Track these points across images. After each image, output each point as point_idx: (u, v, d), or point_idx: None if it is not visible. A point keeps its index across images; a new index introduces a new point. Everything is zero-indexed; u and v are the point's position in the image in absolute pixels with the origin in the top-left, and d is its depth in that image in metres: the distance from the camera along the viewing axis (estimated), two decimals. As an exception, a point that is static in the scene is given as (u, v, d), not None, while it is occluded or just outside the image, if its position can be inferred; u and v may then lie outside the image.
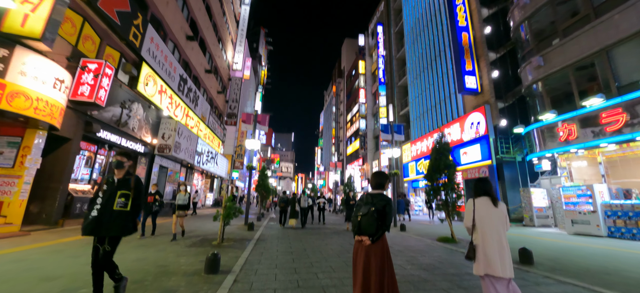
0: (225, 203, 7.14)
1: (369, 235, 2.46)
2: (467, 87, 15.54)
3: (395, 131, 13.91)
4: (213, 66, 22.94)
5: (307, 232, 9.70)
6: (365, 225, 2.50)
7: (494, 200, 2.87)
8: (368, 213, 2.52)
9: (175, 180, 16.42)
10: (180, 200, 7.45)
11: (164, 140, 13.57)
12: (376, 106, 33.53)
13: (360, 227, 2.53)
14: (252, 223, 9.72)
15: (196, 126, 18.34)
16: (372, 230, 2.46)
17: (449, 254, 6.24)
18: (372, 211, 2.51)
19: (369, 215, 2.51)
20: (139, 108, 11.83)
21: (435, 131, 19.54)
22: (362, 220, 2.53)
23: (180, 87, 15.50)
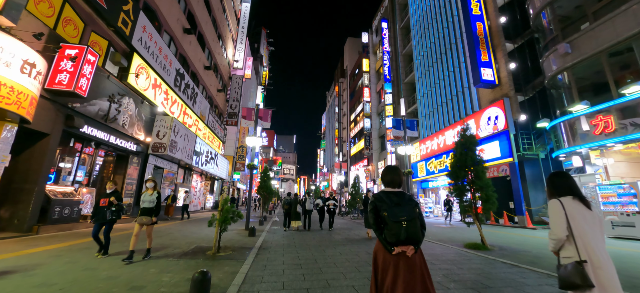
0: (221, 206, 6.11)
1: (416, 243, 2.07)
2: (484, 80, 14.46)
3: (408, 127, 12.85)
4: (213, 63, 22.03)
5: (315, 238, 8.64)
6: (413, 232, 2.05)
7: (585, 201, 2.00)
8: (414, 217, 2.10)
9: (172, 182, 15.44)
10: (145, 202, 5.20)
11: (159, 138, 12.61)
12: (381, 105, 32.50)
13: (407, 235, 2.04)
14: (253, 228, 8.70)
15: (195, 124, 17.39)
16: (419, 237, 2.08)
17: (492, 266, 5.17)
18: (418, 213, 2.14)
19: (415, 219, 2.09)
20: (130, 103, 10.87)
21: (448, 128, 18.46)
22: (408, 226, 2.05)
23: (177, 82, 14.55)
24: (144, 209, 5.17)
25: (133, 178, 11.40)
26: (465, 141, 8.16)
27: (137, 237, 5.02)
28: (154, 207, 5.20)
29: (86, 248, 5.80)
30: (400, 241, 2.02)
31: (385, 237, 2.08)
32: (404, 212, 2.08)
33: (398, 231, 2.02)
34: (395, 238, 2.03)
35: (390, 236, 2.05)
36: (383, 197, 2.21)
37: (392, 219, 2.05)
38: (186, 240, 7.39)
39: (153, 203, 5.20)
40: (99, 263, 4.73)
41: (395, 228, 2.03)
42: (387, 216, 2.08)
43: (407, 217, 2.05)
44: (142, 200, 5.23)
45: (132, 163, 11.38)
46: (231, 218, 6.23)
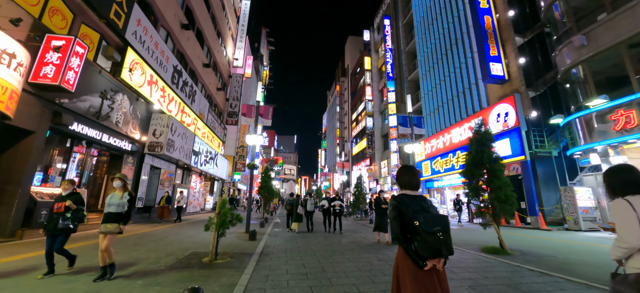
0: (219, 209, 5.58)
1: (447, 256, 1.85)
2: (493, 75, 13.91)
3: (415, 124, 12.31)
4: (212, 61, 21.52)
5: (319, 243, 8.11)
6: (450, 245, 1.84)
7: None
8: (449, 228, 1.87)
9: (170, 182, 14.91)
10: (111, 205, 4.02)
11: (155, 137, 12.09)
12: (384, 104, 31.97)
13: (443, 248, 1.80)
14: (254, 231, 8.17)
15: (193, 123, 16.87)
16: (453, 250, 1.87)
17: (519, 274, 4.63)
18: (448, 222, 1.89)
19: (449, 231, 1.87)
20: (125, 100, 10.36)
21: (454, 126, 17.90)
22: (446, 239, 1.81)
23: (174, 79, 14.04)
24: (109, 215, 3.95)
25: (129, 179, 10.85)
26: (481, 138, 7.59)
27: (107, 252, 3.91)
28: (124, 213, 4.06)
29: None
30: (433, 253, 1.77)
31: (416, 250, 1.80)
32: (438, 221, 1.82)
33: (434, 244, 1.76)
34: (429, 252, 1.76)
35: (424, 249, 1.77)
36: (407, 201, 1.94)
37: (427, 229, 1.78)
38: (181, 245, 6.86)
39: (123, 208, 4.05)
40: (77, 278, 4.20)
41: (431, 240, 1.77)
42: (419, 225, 1.80)
43: (441, 228, 1.80)
44: (108, 202, 4.04)
45: (127, 163, 10.87)
46: (230, 222, 5.71)
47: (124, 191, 4.20)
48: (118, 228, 3.99)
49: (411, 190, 2.06)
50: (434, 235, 1.77)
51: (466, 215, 16.57)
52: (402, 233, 1.89)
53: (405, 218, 1.89)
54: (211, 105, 21.84)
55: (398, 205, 1.94)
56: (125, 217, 4.10)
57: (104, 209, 4.04)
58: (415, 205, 1.92)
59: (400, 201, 1.96)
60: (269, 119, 10.88)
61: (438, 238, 1.77)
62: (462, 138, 16.93)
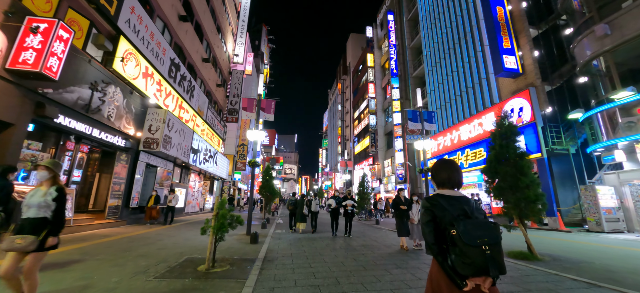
0: (217, 210, 4.93)
1: (497, 275, 1.38)
2: (507, 68, 13.23)
3: (426, 119, 11.65)
4: (211, 56, 20.85)
5: (328, 246, 7.45)
6: (499, 262, 1.39)
7: None
8: (499, 240, 1.44)
9: (167, 181, 14.26)
10: (31, 207, 2.54)
11: (151, 133, 11.43)
12: (387, 101, 31.30)
13: (490, 265, 1.35)
14: (255, 234, 7.51)
15: (192, 120, 16.22)
16: (505, 269, 1.41)
17: (563, 285, 3.97)
18: (500, 232, 1.47)
19: (500, 243, 1.43)
20: (117, 93, 9.70)
21: (463, 123, 17.21)
22: (493, 253, 1.38)
23: (172, 73, 13.37)
24: (26, 222, 2.49)
25: (121, 177, 10.23)
26: (505, 131, 6.94)
27: (28, 281, 2.49)
28: (51, 219, 2.57)
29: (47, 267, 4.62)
30: (479, 273, 1.38)
31: (453, 264, 1.45)
32: (484, 231, 1.43)
33: (477, 259, 1.38)
34: (471, 269, 1.39)
35: (464, 265, 1.41)
36: (443, 204, 1.57)
37: (468, 241, 1.40)
38: (176, 250, 6.20)
39: (47, 210, 2.56)
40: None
41: (473, 254, 1.39)
42: (457, 236, 1.43)
43: (489, 239, 1.41)
44: (25, 203, 2.57)
45: (121, 160, 10.21)
46: (229, 225, 5.05)
47: (49, 186, 2.67)
48: (35, 242, 2.43)
49: (450, 188, 1.67)
50: (477, 248, 1.38)
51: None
52: (436, 242, 1.54)
53: (441, 224, 1.53)
54: (211, 102, 21.19)
55: (431, 208, 1.59)
56: (53, 225, 2.58)
57: (22, 213, 2.57)
58: (454, 208, 1.54)
59: (434, 203, 1.60)
60: (271, 114, 10.21)
61: (482, 252, 1.38)
62: (472, 135, 16.26)
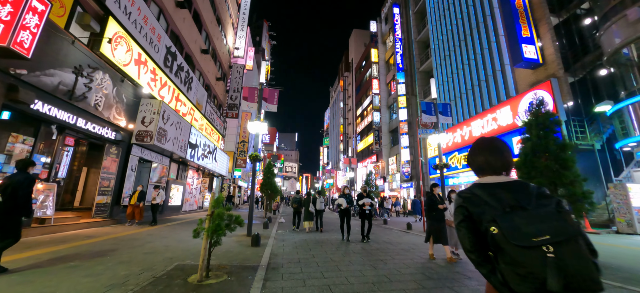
0: (211, 209, 4.10)
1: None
2: (526, 58, 12.36)
3: (441, 112, 10.80)
4: (211, 48, 20.00)
5: (340, 251, 6.62)
6: (579, 270, 0.88)
7: None
8: (573, 235, 0.94)
9: (163, 178, 13.43)
10: None
11: (144, 125, 10.60)
12: (392, 97, 30.44)
13: (562, 277, 0.88)
14: (257, 235, 6.68)
15: (190, 114, 15.39)
16: (595, 280, 0.89)
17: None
18: (578, 225, 0.98)
19: (575, 239, 0.94)
20: (106, 80, 8.86)
21: (475, 118, 16.35)
22: (563, 256, 0.90)
23: (167, 62, 12.53)
24: None
25: (110, 172, 9.40)
26: (542, 120, 6.08)
27: None
28: None
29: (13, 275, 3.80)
30: (541, 289, 0.89)
31: (504, 279, 1.00)
32: (542, 224, 0.95)
33: (535, 267, 0.91)
34: (528, 285, 0.92)
35: (519, 279, 0.95)
36: (481, 196, 1.14)
37: (516, 240, 0.96)
38: (166, 254, 5.37)
39: None
40: None
41: (529, 261, 0.93)
42: (501, 235, 0.99)
43: (553, 235, 0.92)
44: None
45: (110, 153, 9.38)
46: (227, 226, 4.23)
47: None
48: None
49: (493, 174, 1.23)
50: (533, 251, 0.92)
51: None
52: (475, 249, 1.10)
53: (481, 224, 1.08)
54: (210, 96, 20.36)
55: (464, 203, 1.17)
56: None
57: None
58: (498, 199, 1.09)
59: (467, 197, 1.19)
60: (274, 104, 9.38)
61: (543, 255, 0.90)
62: (485, 130, 15.40)
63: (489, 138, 1.36)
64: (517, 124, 13.26)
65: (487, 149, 1.29)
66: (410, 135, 24.45)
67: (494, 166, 1.25)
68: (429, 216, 5.66)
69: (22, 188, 3.86)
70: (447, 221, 5.56)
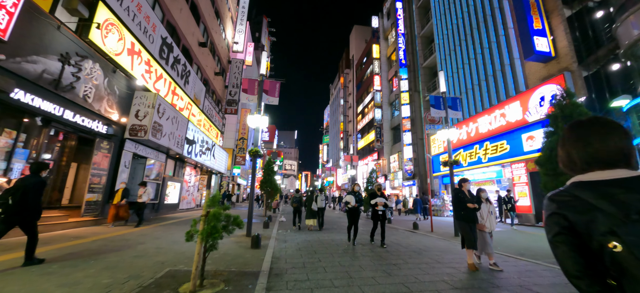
0: (206, 210, 3.60)
1: None
2: (538, 51, 11.86)
3: (450, 106, 10.30)
4: (209, 41, 19.41)
5: (348, 253, 6.14)
6: None
7: None
8: None
9: (160, 174, 12.91)
10: None
11: (138, 119, 10.06)
12: (394, 94, 29.91)
13: None
14: (257, 236, 6.18)
15: (187, 108, 14.85)
16: None
17: None
18: None
19: None
20: (96, 69, 8.32)
21: (482, 114, 15.86)
22: None
23: (163, 53, 11.97)
24: None
25: (102, 169, 8.87)
26: (569, 112, 5.58)
27: None
28: None
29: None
30: None
31: None
32: None
33: None
34: None
35: None
36: (587, 200, 0.83)
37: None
38: (157, 258, 4.87)
39: None
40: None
41: None
42: (627, 252, 0.71)
43: None
44: None
45: (101, 148, 8.84)
46: (224, 228, 3.74)
47: None
48: None
49: (604, 168, 0.85)
50: None
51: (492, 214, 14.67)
52: (584, 273, 0.80)
53: (590, 238, 0.79)
54: (208, 91, 19.80)
55: (560, 210, 0.87)
56: None
57: None
58: (617, 203, 0.78)
59: (565, 201, 0.87)
60: (275, 97, 8.86)
61: None
62: (493, 126, 14.92)
63: (595, 117, 0.95)
64: (527, 120, 12.79)
65: (596, 133, 0.89)
66: (413, 132, 23.96)
67: (607, 156, 0.86)
68: (457, 216, 4.88)
69: (32, 191, 4.05)
70: (481, 226, 4.91)
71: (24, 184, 4.03)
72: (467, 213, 4.74)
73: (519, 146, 13.13)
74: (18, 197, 3.93)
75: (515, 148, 13.32)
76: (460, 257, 5.56)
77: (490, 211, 5.01)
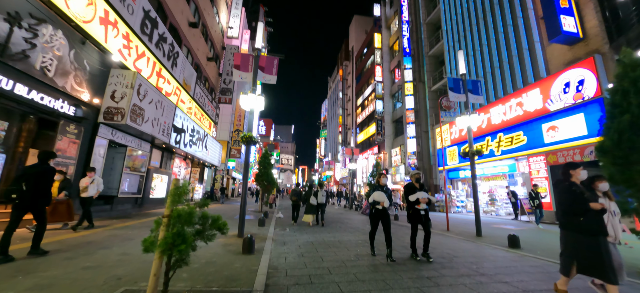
0: (170, 208, 2.38)
1: None
2: (565, 31, 10.71)
3: (470, 90, 9.13)
4: (201, 23, 17.96)
5: (366, 262, 4.99)
6: None
7: None
8: None
9: (140, 165, 11.63)
10: None
11: (115, 101, 8.75)
12: (396, 85, 28.72)
13: None
14: (250, 239, 4.99)
15: (175, 94, 13.48)
16: None
17: None
18: None
19: None
20: (59, 38, 6.96)
21: (495, 104, 14.76)
22: None
23: (146, 29, 10.59)
24: None
25: (69, 157, 7.58)
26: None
27: None
28: None
29: None
30: None
31: None
32: None
33: None
34: None
35: None
36: None
37: None
38: (115, 271, 3.66)
39: None
40: None
41: None
42: None
43: None
44: None
45: (68, 133, 7.53)
46: (199, 235, 2.54)
47: None
48: None
49: None
50: None
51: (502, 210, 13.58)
52: None
53: None
54: (200, 77, 18.40)
55: None
56: None
57: None
58: None
59: None
60: (273, 75, 7.62)
61: None
62: (508, 117, 13.83)
63: None
64: (548, 109, 11.69)
65: None
66: (417, 124, 22.85)
67: None
68: (570, 224, 3.06)
69: (43, 178, 4.21)
70: (611, 236, 3.01)
71: (36, 171, 4.16)
72: (587, 219, 2.92)
73: (538, 137, 12.05)
74: (31, 184, 4.03)
75: (534, 140, 12.25)
76: (507, 267, 4.45)
77: (614, 210, 3.21)
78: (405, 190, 5.05)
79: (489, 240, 7.06)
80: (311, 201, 9.20)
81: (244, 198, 6.59)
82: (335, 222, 10.53)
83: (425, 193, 4.85)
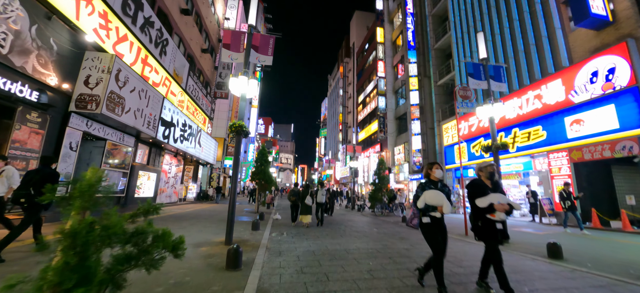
0: (70, 220, 1.31)
1: None
2: (594, 13, 9.68)
3: (492, 76, 8.11)
4: (194, 11, 16.89)
5: (387, 280, 3.96)
6: None
7: None
8: None
9: (124, 162, 10.58)
10: None
11: (89, 87, 7.69)
12: (399, 81, 27.69)
13: None
14: (237, 249, 3.94)
15: (164, 84, 12.43)
16: None
17: None
18: None
19: None
20: (16, 8, 5.91)
21: (508, 97, 13.72)
22: None
23: (128, 9, 9.53)
24: None
25: (29, 149, 6.53)
26: None
27: None
28: None
29: None
30: None
31: None
32: None
33: None
34: None
35: None
36: None
37: None
38: None
39: None
40: None
41: None
42: None
43: None
44: None
45: (28, 122, 6.48)
46: (126, 261, 1.48)
47: None
48: None
49: None
50: None
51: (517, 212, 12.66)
52: None
53: None
54: (193, 69, 17.33)
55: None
56: None
57: None
58: None
59: None
60: (269, 55, 6.57)
61: None
62: (524, 111, 12.81)
63: None
64: (572, 101, 10.66)
65: None
66: (422, 121, 21.82)
67: None
68: None
69: (50, 180, 3.91)
70: None
71: (43, 174, 4.09)
72: None
73: (559, 132, 11.02)
74: (38, 187, 3.91)
75: (555, 135, 11.23)
76: (567, 289, 3.42)
77: None
78: (470, 190, 3.33)
79: (520, 248, 6.04)
80: (306, 201, 8.62)
81: (233, 197, 5.55)
82: (338, 224, 9.50)
83: (503, 195, 3.16)
